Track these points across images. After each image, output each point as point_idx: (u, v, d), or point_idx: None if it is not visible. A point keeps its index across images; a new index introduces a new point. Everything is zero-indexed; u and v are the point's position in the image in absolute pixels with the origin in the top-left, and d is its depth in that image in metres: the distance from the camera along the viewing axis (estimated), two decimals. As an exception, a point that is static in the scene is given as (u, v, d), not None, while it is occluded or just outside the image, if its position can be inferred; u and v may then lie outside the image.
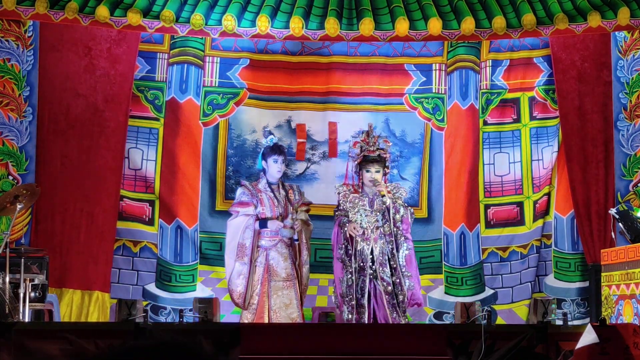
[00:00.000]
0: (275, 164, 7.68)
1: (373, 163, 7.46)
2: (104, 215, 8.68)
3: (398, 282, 7.25)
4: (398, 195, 7.47)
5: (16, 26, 8.64)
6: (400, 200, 7.45)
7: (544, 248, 9.25)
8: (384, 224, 7.33)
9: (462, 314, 6.31)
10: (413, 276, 7.34)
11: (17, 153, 8.58)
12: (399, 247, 7.31)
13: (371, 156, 7.48)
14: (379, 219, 7.37)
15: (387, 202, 7.33)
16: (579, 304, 9.03)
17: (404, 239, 7.35)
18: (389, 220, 7.32)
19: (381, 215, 7.36)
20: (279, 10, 8.80)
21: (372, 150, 7.51)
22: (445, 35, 8.87)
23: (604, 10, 8.74)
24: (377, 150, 7.50)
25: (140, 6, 8.60)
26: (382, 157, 7.49)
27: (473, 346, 5.93)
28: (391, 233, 7.31)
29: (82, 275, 8.55)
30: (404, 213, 7.41)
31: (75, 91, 8.72)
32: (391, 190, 7.48)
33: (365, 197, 7.42)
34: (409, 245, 7.39)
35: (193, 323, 6.30)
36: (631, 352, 5.58)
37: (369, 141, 7.57)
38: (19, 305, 6.90)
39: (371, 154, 7.49)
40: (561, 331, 6.12)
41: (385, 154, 7.55)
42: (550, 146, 9.28)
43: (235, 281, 7.51)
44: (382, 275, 7.23)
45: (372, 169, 7.45)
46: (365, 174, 7.47)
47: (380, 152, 7.50)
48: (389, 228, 7.32)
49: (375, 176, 7.42)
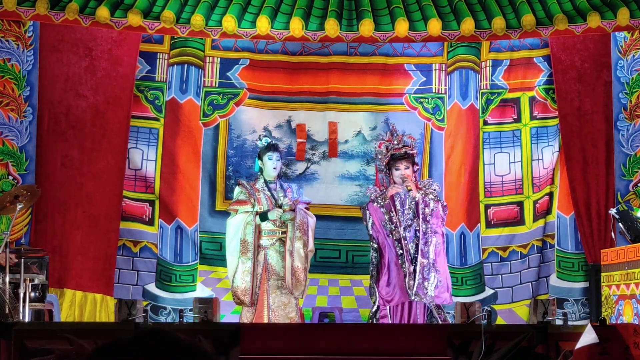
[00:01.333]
0: (270, 161, 7.69)
1: (401, 160, 7.49)
2: (106, 218, 8.69)
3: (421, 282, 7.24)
4: (430, 190, 7.49)
5: (16, 26, 8.65)
6: (432, 195, 7.46)
7: (548, 248, 9.24)
8: (414, 221, 7.34)
9: (462, 314, 6.30)
10: (441, 272, 7.33)
11: (17, 153, 8.59)
12: (428, 241, 7.32)
13: (398, 154, 7.51)
14: (411, 216, 7.38)
15: (417, 196, 7.35)
16: (584, 304, 9.02)
17: (433, 233, 7.35)
18: (418, 217, 7.34)
19: (413, 212, 7.37)
20: (278, 11, 8.80)
21: (398, 147, 7.54)
22: (445, 36, 8.87)
23: (603, 10, 8.74)
24: (404, 147, 7.53)
25: (140, 7, 8.61)
26: (408, 153, 7.51)
27: (473, 346, 5.93)
28: (420, 229, 7.33)
29: (85, 277, 8.55)
30: (434, 207, 7.41)
31: (76, 92, 8.73)
32: (423, 185, 7.54)
33: (397, 197, 7.43)
34: (438, 240, 7.38)
35: (193, 323, 6.30)
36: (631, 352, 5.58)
37: (394, 139, 7.60)
38: (19, 305, 6.90)
39: (398, 152, 7.52)
40: (561, 331, 6.12)
41: (412, 150, 7.58)
42: (550, 146, 9.28)
43: (240, 278, 7.51)
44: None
45: (402, 166, 7.49)
46: (395, 172, 7.51)
47: (406, 149, 7.52)
48: (418, 224, 7.33)
49: (405, 172, 7.46)
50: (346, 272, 9.19)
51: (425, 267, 7.24)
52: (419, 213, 7.33)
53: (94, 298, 8.56)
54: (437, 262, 7.30)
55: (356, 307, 9.05)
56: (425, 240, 7.30)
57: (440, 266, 7.32)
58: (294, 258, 7.56)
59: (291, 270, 7.54)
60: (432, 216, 7.37)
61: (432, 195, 7.46)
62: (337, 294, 9.12)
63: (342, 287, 9.15)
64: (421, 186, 7.53)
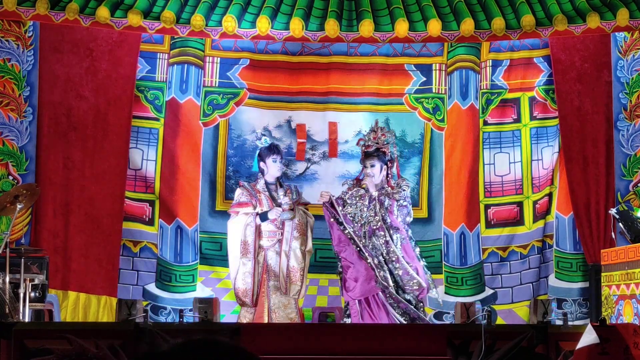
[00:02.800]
0: (275, 164, 7.78)
1: (370, 158, 7.56)
2: (109, 219, 8.69)
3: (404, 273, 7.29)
4: (400, 190, 7.51)
5: (16, 26, 8.65)
6: (399, 197, 7.48)
7: (547, 249, 9.24)
8: (374, 218, 7.38)
9: (462, 314, 6.30)
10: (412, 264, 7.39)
11: (17, 153, 8.59)
12: (393, 240, 7.38)
13: (369, 151, 7.59)
14: (373, 215, 7.41)
15: (373, 195, 7.40)
16: (581, 304, 9.02)
17: (393, 230, 7.39)
18: (377, 214, 7.38)
19: (374, 211, 7.41)
20: (279, 12, 8.80)
21: (370, 145, 7.57)
22: (445, 36, 8.87)
23: (603, 11, 8.74)
24: (375, 145, 7.56)
25: (140, 7, 8.61)
26: (380, 151, 7.53)
27: (473, 346, 5.93)
28: (381, 227, 7.37)
29: (88, 279, 8.55)
30: (388, 205, 7.45)
31: (77, 93, 8.73)
32: (396, 184, 7.57)
33: (366, 193, 7.48)
34: (402, 235, 7.43)
35: (193, 323, 6.30)
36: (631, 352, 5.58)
37: (369, 137, 7.64)
38: (19, 305, 6.90)
39: (368, 149, 7.60)
40: (561, 331, 6.12)
41: (386, 148, 7.60)
42: (550, 146, 9.28)
43: (241, 279, 7.53)
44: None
45: (368, 163, 7.53)
46: (364, 169, 7.56)
47: (378, 147, 7.55)
48: (377, 222, 7.36)
49: (370, 171, 7.48)
50: (346, 272, 9.18)
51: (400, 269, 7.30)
52: (378, 211, 7.38)
53: (97, 300, 8.56)
54: (406, 257, 7.37)
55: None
56: (387, 241, 7.35)
57: (411, 260, 7.40)
58: (289, 258, 7.62)
59: (285, 271, 7.59)
60: (389, 214, 7.44)
61: (400, 197, 7.49)
62: (337, 294, 9.09)
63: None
64: (393, 185, 7.56)
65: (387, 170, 7.61)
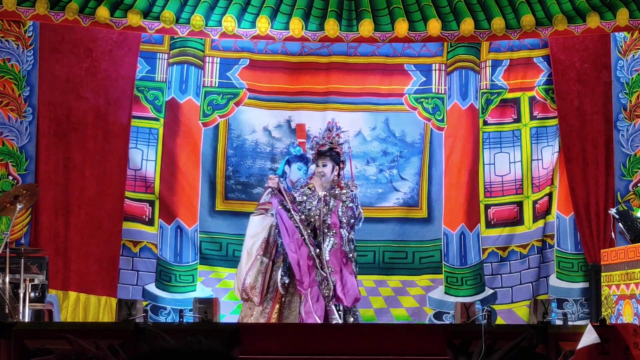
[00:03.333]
0: (299, 172, 7.83)
1: (322, 157, 7.57)
2: (109, 220, 8.69)
3: (324, 277, 7.30)
4: (345, 191, 7.51)
5: (16, 26, 8.65)
6: (347, 198, 7.49)
7: (548, 248, 9.24)
8: (317, 220, 7.40)
9: (462, 314, 6.30)
10: (335, 272, 7.36)
11: (17, 153, 8.59)
12: (325, 241, 7.37)
13: (321, 150, 7.61)
14: (318, 215, 7.43)
15: (319, 194, 7.43)
16: (583, 304, 9.02)
17: (332, 233, 7.39)
18: (319, 215, 7.38)
19: (320, 212, 7.42)
20: (278, 12, 8.80)
21: (322, 144, 7.61)
22: (445, 36, 8.88)
23: (602, 11, 8.75)
24: (329, 145, 7.59)
25: (140, 7, 8.61)
26: (333, 151, 7.55)
27: (473, 346, 5.93)
28: (319, 227, 7.38)
29: (88, 279, 8.56)
30: (333, 206, 7.44)
31: (77, 94, 8.73)
32: (345, 185, 7.58)
33: (313, 192, 7.49)
34: (335, 241, 7.41)
35: (193, 323, 6.30)
36: (631, 352, 5.58)
37: (324, 135, 7.67)
38: (19, 305, 6.90)
39: (321, 148, 7.61)
40: (561, 331, 6.12)
41: (339, 149, 7.61)
42: (550, 146, 9.28)
43: (253, 276, 7.50)
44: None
45: (320, 163, 7.56)
46: (317, 168, 7.59)
47: (331, 147, 7.58)
48: (319, 222, 7.39)
49: (322, 170, 7.51)
50: (346, 272, 9.18)
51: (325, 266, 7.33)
52: (320, 212, 7.39)
53: (97, 300, 8.56)
54: (330, 262, 7.34)
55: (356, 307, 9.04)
56: (323, 240, 7.37)
57: (333, 266, 7.36)
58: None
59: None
60: (330, 215, 7.41)
61: (347, 198, 7.50)
62: (337, 294, 9.12)
63: (342, 287, 9.13)
64: (342, 185, 7.57)
65: (338, 171, 7.61)
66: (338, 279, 7.35)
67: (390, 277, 9.16)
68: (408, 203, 9.30)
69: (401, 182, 9.35)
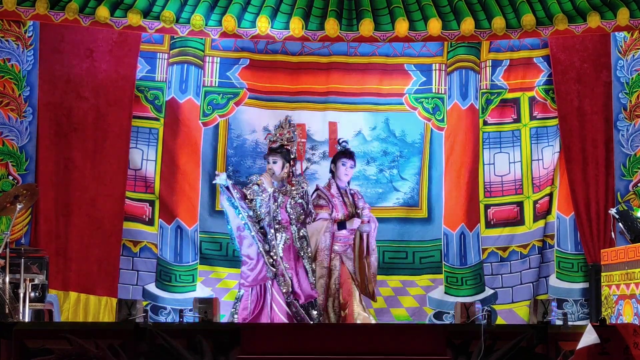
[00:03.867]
0: (344, 167, 7.94)
1: (273, 154, 7.61)
2: (110, 220, 8.69)
3: (280, 274, 7.37)
4: (296, 188, 7.56)
5: (16, 26, 8.65)
6: (295, 191, 7.54)
7: (548, 248, 9.24)
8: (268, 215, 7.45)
9: (462, 314, 6.30)
10: (289, 267, 7.41)
11: (17, 153, 8.59)
12: (277, 238, 7.43)
13: (272, 147, 7.66)
14: (269, 211, 7.47)
15: (269, 191, 7.46)
16: (583, 304, 9.02)
17: (282, 229, 7.44)
18: (269, 212, 7.38)
19: (271, 209, 7.44)
20: (278, 11, 8.80)
21: (274, 141, 7.65)
22: (445, 35, 8.87)
23: (603, 10, 8.75)
24: (280, 142, 7.63)
25: (140, 7, 8.61)
26: (284, 148, 7.58)
27: (473, 346, 5.93)
28: (270, 224, 7.44)
29: (89, 279, 8.56)
30: (281, 202, 7.48)
31: (77, 94, 8.73)
32: (296, 182, 7.64)
33: (261, 188, 7.55)
34: (287, 236, 7.46)
35: (193, 323, 6.30)
36: (631, 352, 5.59)
37: (276, 132, 7.71)
38: (19, 305, 6.90)
39: (272, 145, 7.66)
40: (561, 331, 6.12)
41: (290, 146, 7.62)
42: (550, 146, 9.28)
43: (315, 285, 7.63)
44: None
45: (271, 159, 7.61)
46: (267, 164, 7.65)
47: (283, 144, 7.61)
48: (269, 218, 7.42)
49: (272, 167, 7.57)
50: (346, 272, 9.18)
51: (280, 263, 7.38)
52: (270, 211, 7.41)
53: (98, 300, 8.56)
54: (284, 259, 7.41)
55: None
56: (275, 237, 7.38)
57: (288, 262, 7.42)
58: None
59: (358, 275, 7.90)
60: (279, 212, 7.45)
61: (297, 194, 7.55)
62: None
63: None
64: (293, 182, 7.61)
65: (289, 168, 7.63)
66: (294, 274, 7.46)
67: (390, 277, 9.16)
68: (408, 203, 9.30)
69: (401, 182, 9.36)
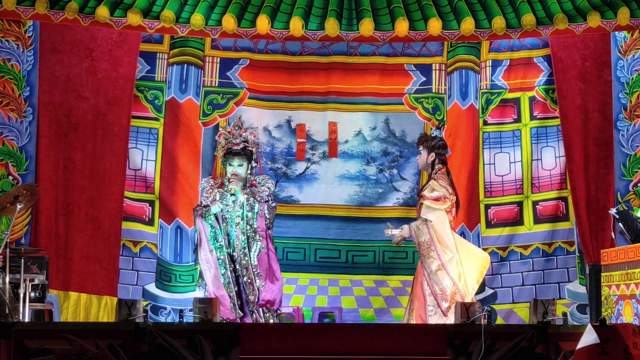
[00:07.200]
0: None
1: (236, 156, 7.42)
2: (109, 220, 8.69)
3: (249, 282, 7.25)
4: (263, 188, 7.43)
5: (16, 26, 8.64)
6: (259, 195, 7.40)
7: (566, 255, 9.19)
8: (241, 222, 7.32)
9: (462, 314, 6.30)
10: (265, 277, 7.31)
11: (17, 153, 8.59)
12: (251, 246, 7.28)
13: (235, 149, 7.44)
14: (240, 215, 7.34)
15: (241, 198, 7.30)
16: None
17: (259, 237, 7.31)
18: (243, 219, 7.30)
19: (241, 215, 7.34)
20: (278, 11, 8.80)
21: (237, 142, 7.47)
22: (445, 35, 8.87)
23: (603, 10, 8.74)
24: (242, 143, 7.45)
25: (140, 6, 8.60)
26: (247, 150, 7.44)
27: (473, 346, 5.93)
28: (243, 232, 7.29)
29: (89, 280, 8.56)
30: (259, 210, 7.35)
31: (77, 94, 8.73)
32: (258, 183, 7.47)
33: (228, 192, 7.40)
34: (262, 245, 7.33)
35: (193, 323, 6.30)
36: (631, 352, 5.58)
37: (235, 133, 7.53)
38: (19, 305, 6.90)
39: (235, 147, 7.45)
40: (561, 331, 6.12)
41: (251, 147, 7.51)
42: (551, 147, 9.28)
43: None
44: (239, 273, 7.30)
45: (235, 162, 7.43)
46: (228, 167, 7.46)
47: (245, 145, 7.45)
48: (244, 227, 7.29)
49: (237, 170, 7.39)
50: (346, 272, 9.19)
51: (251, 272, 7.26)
52: (244, 216, 7.30)
53: (98, 300, 8.56)
54: (259, 268, 7.30)
55: (356, 307, 9.05)
56: (249, 245, 7.29)
57: (264, 271, 7.31)
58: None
59: None
60: (256, 220, 7.32)
61: (268, 197, 7.42)
62: (337, 294, 9.12)
63: (342, 287, 9.15)
64: (256, 183, 7.49)
65: (251, 169, 7.52)
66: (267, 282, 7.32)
67: (390, 277, 9.16)
68: (408, 203, 9.30)
69: (401, 182, 9.36)
